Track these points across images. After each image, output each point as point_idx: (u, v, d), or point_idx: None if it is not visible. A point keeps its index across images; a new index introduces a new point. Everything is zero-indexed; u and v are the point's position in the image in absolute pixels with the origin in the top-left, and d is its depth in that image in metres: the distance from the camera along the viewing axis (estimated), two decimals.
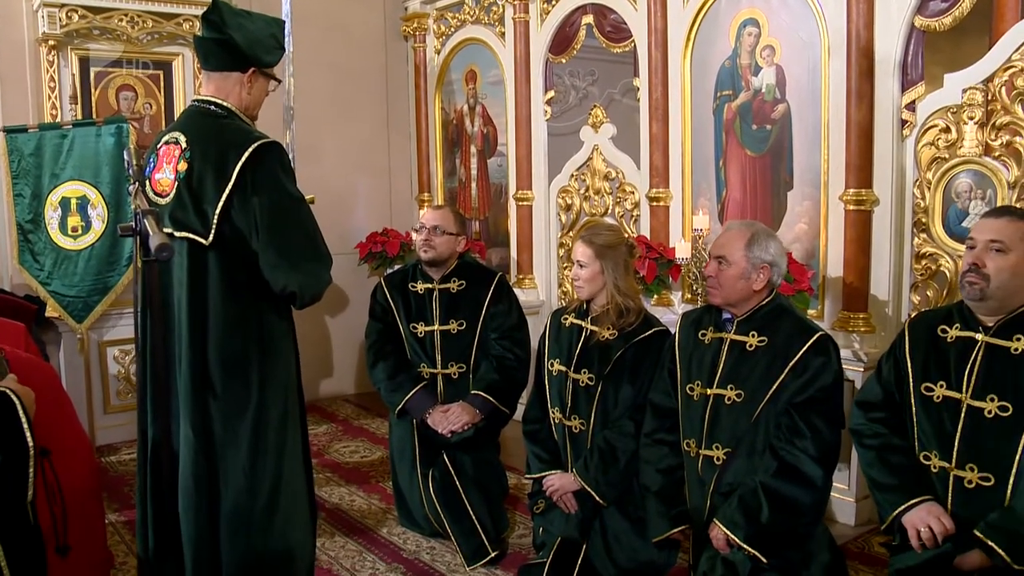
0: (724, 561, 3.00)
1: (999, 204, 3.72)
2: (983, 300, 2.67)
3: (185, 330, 2.85)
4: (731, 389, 3.04)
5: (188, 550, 2.89)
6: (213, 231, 2.81)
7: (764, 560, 2.89)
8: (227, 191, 2.79)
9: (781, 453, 2.94)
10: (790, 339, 3.01)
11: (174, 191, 2.87)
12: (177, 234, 2.84)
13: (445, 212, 4.21)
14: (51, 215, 5.21)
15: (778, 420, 2.98)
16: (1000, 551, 2.51)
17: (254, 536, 2.94)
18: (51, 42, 5.50)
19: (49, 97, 5.58)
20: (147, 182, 2.96)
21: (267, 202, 2.82)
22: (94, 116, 5.57)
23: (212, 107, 2.98)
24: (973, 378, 2.66)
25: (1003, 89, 3.74)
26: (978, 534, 2.57)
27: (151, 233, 1.88)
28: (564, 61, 5.98)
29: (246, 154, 2.80)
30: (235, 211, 2.82)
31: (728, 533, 2.94)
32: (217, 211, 2.80)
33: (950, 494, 2.70)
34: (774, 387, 2.97)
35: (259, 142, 2.84)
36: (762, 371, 3.00)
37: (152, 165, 2.98)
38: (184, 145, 2.89)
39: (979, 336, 2.70)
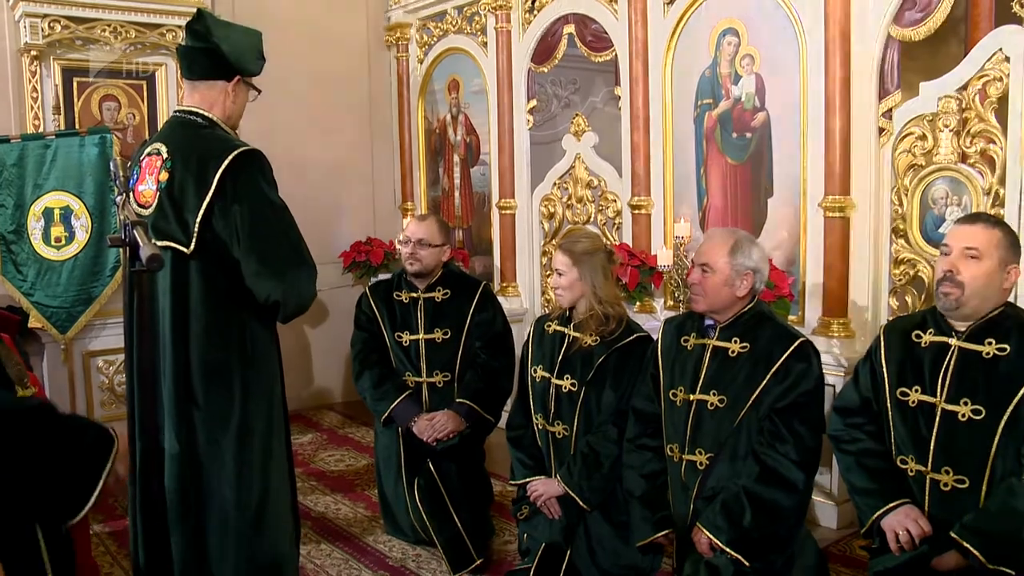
0: (707, 565, 3.03)
1: (974, 210, 3.78)
2: (958, 309, 2.73)
3: (168, 340, 2.85)
4: (714, 395, 3.07)
5: (176, 562, 2.89)
6: (195, 239, 2.81)
7: (747, 563, 2.93)
8: (208, 199, 2.79)
9: (763, 458, 2.98)
10: (772, 345, 3.05)
11: (156, 201, 2.87)
12: (159, 244, 2.84)
13: (430, 224, 4.22)
14: (34, 225, 5.19)
15: (760, 425, 3.02)
16: (975, 552, 2.56)
17: (243, 549, 2.93)
18: (33, 52, 5.49)
19: (32, 107, 5.56)
20: (130, 194, 2.96)
21: (248, 209, 2.82)
22: (77, 126, 5.56)
23: (194, 117, 2.98)
24: (947, 383, 2.72)
25: (977, 97, 3.80)
26: (954, 536, 2.62)
27: (142, 244, 1.89)
28: (546, 70, 6.01)
29: (226, 162, 2.80)
30: (216, 219, 2.82)
31: (711, 537, 2.97)
32: (198, 219, 2.80)
33: (927, 497, 2.75)
34: (756, 393, 3.01)
35: (240, 149, 2.84)
36: (744, 377, 3.04)
37: (135, 177, 2.99)
38: (165, 155, 2.89)
39: (952, 341, 2.75)
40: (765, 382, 3.00)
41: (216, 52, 2.94)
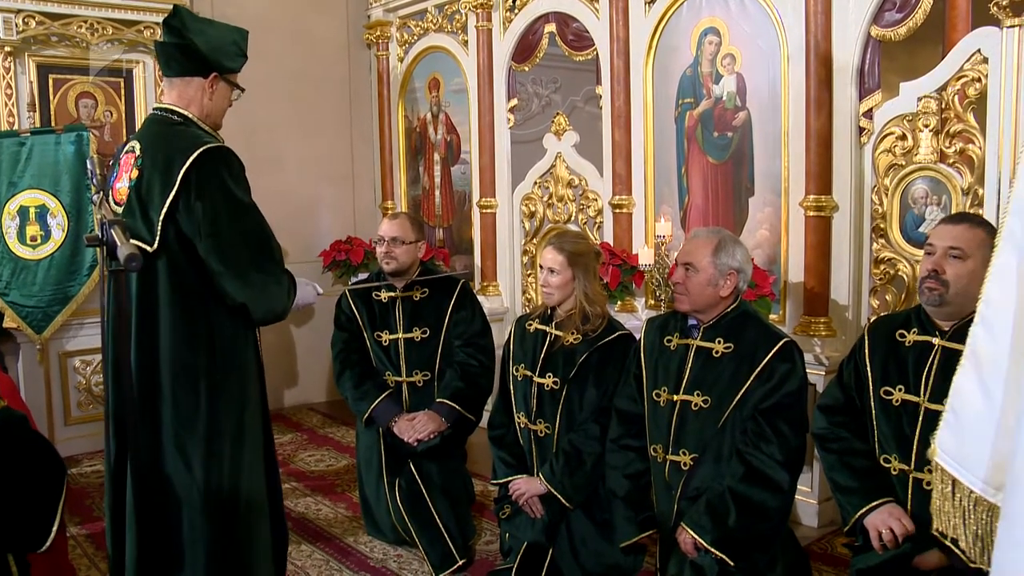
0: (692, 564, 3.03)
1: (954, 210, 3.80)
2: (942, 306, 2.73)
3: (134, 340, 2.80)
4: (698, 395, 3.07)
5: (131, 566, 2.80)
6: (157, 238, 2.76)
7: (731, 563, 2.93)
8: (171, 196, 2.74)
9: (748, 458, 2.98)
10: (756, 345, 3.05)
11: (126, 199, 2.84)
12: None
13: (402, 221, 4.20)
14: (9, 224, 5.14)
15: (744, 425, 3.02)
16: (957, 550, 2.56)
17: (212, 557, 2.86)
18: (8, 48, 5.42)
19: (6, 104, 5.48)
20: (109, 192, 2.93)
21: (210, 207, 2.77)
22: (53, 124, 5.49)
23: (169, 115, 2.94)
24: (931, 382, 2.72)
25: (956, 97, 3.82)
26: (936, 534, 2.62)
27: (119, 243, 1.86)
28: (527, 69, 6.01)
29: (191, 158, 2.75)
30: (181, 216, 2.77)
31: (696, 537, 2.97)
32: (161, 217, 2.75)
33: (910, 496, 2.76)
34: (740, 393, 3.01)
35: (206, 146, 2.79)
36: (728, 377, 3.04)
37: (114, 174, 2.95)
38: (138, 153, 2.86)
39: (936, 340, 2.76)
40: (749, 382, 3.00)
41: (191, 48, 2.89)
